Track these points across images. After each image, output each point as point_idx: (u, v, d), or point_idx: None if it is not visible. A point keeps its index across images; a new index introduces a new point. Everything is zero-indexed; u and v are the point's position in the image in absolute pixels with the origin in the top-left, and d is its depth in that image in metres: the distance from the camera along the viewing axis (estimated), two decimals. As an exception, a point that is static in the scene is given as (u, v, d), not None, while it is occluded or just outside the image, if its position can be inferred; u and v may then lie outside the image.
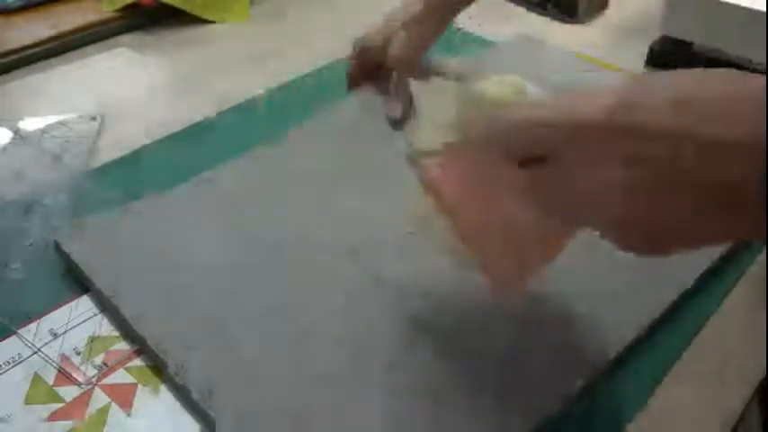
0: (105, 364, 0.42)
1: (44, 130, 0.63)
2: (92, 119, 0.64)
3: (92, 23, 0.78)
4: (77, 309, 0.45)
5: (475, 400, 0.39)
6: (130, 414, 0.40)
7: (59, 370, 0.42)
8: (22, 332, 0.44)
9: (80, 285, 0.47)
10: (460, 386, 0.40)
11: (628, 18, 0.84)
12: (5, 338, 0.44)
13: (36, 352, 0.43)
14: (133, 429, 0.39)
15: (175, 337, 0.42)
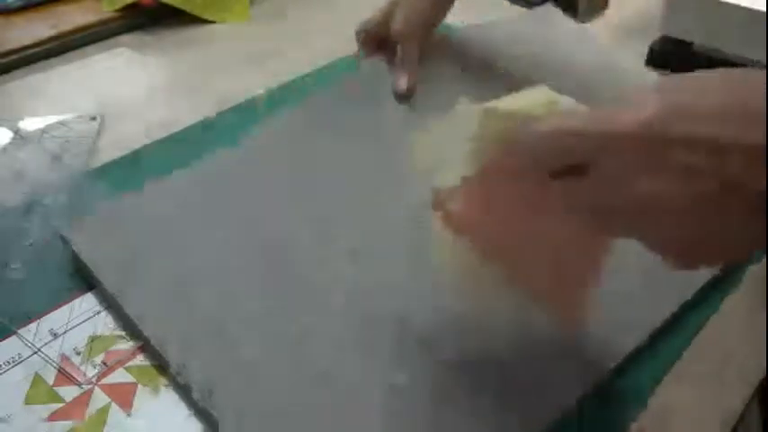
0: (105, 364, 0.42)
1: (44, 130, 0.63)
2: (92, 119, 0.64)
3: (92, 23, 0.78)
4: (77, 309, 0.45)
5: (475, 401, 0.39)
6: (130, 414, 0.40)
7: (59, 370, 0.42)
8: (22, 332, 0.44)
9: (83, 282, 0.47)
10: (461, 386, 0.40)
11: (628, 18, 0.84)
12: (5, 338, 0.44)
13: (36, 352, 0.43)
14: (133, 429, 0.39)
15: (177, 337, 0.42)
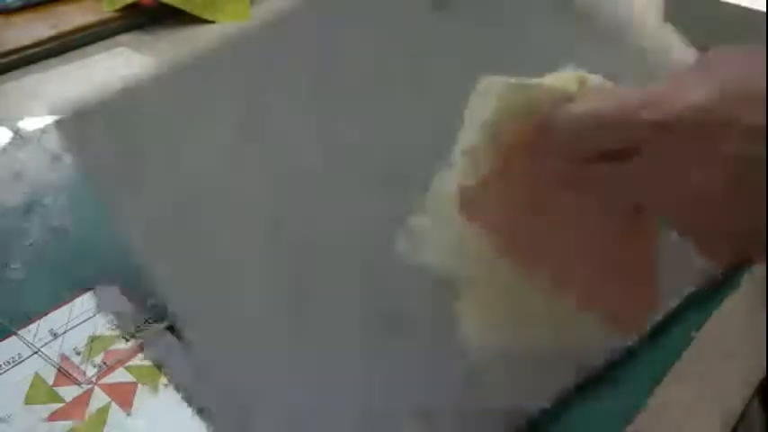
0: (105, 364, 0.42)
1: (44, 130, 0.63)
2: (92, 119, 0.64)
3: (92, 23, 0.78)
4: (77, 309, 0.45)
5: (466, 393, 0.39)
6: (130, 413, 0.40)
7: (59, 370, 0.42)
8: (22, 332, 0.44)
9: (84, 282, 0.47)
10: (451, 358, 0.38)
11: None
12: (5, 338, 0.44)
13: (36, 352, 0.43)
14: (133, 429, 0.39)
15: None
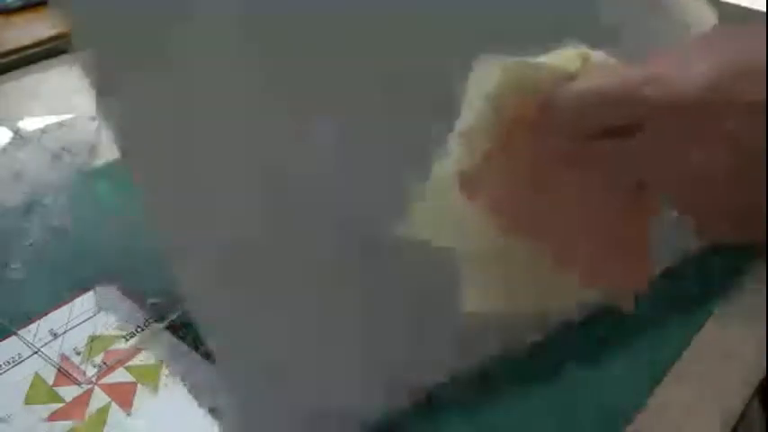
0: (105, 364, 0.42)
1: (44, 130, 0.63)
2: (92, 119, 0.64)
3: (92, 23, 0.78)
4: (77, 309, 0.45)
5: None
6: (130, 413, 0.40)
7: (59, 370, 0.42)
8: (22, 332, 0.44)
9: (84, 282, 0.47)
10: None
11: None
12: (5, 338, 0.44)
13: (36, 352, 0.43)
14: (133, 428, 0.39)
15: None
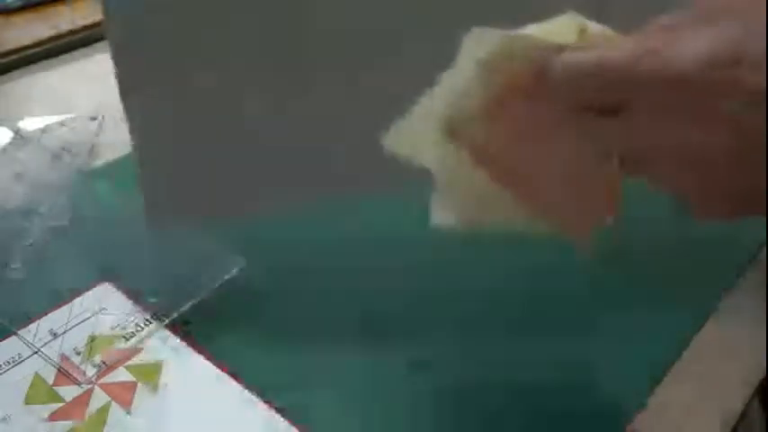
0: (105, 363, 0.42)
1: (44, 130, 0.63)
2: (92, 119, 0.64)
3: (92, 23, 0.78)
4: (77, 309, 0.45)
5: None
6: (130, 412, 0.40)
7: (59, 370, 0.42)
8: (22, 332, 0.44)
9: (83, 282, 0.47)
10: None
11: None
12: (5, 338, 0.43)
13: (36, 352, 0.43)
14: (133, 428, 0.39)
15: None
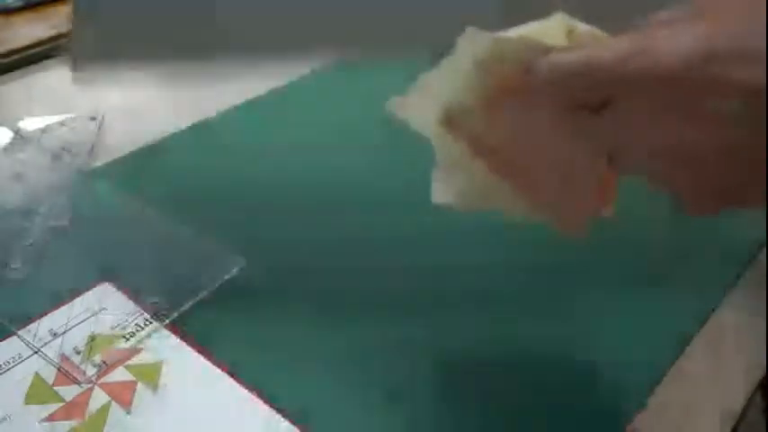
0: (105, 363, 0.42)
1: (44, 130, 0.63)
2: (92, 119, 0.64)
3: (92, 24, 0.78)
4: (77, 308, 0.45)
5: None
6: (130, 412, 0.40)
7: (59, 369, 0.42)
8: (22, 332, 0.44)
9: (83, 282, 0.47)
10: None
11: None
12: (5, 338, 0.43)
13: (36, 352, 0.43)
14: (133, 427, 0.39)
15: None
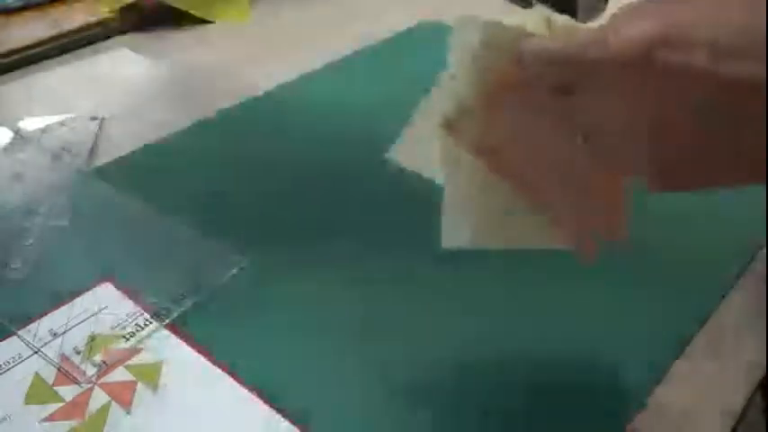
0: (105, 363, 0.42)
1: (44, 130, 0.63)
2: (92, 119, 0.64)
3: (91, 23, 0.78)
4: (77, 308, 0.45)
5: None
6: (130, 412, 0.40)
7: (59, 369, 0.42)
8: (22, 332, 0.44)
9: (83, 282, 0.47)
10: None
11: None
12: (5, 338, 0.43)
13: (36, 352, 0.43)
14: (133, 427, 0.39)
15: None
